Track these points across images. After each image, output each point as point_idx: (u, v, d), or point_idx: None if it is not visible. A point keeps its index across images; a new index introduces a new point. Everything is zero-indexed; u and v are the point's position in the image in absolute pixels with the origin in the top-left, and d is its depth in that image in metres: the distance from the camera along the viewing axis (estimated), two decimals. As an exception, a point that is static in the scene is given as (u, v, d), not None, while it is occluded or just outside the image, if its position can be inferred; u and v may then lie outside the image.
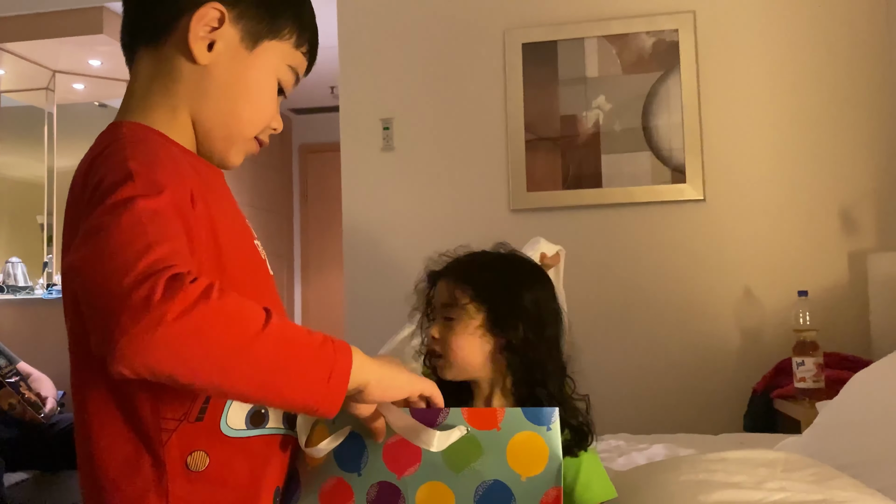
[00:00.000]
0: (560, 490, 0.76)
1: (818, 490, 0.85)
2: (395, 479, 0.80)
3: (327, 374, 0.69)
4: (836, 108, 2.64)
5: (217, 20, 0.82)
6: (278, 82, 0.88)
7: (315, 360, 0.69)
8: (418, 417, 0.80)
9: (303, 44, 0.89)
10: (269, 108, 0.88)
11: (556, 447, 0.76)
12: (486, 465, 0.77)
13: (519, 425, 0.78)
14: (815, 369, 2.18)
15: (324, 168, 5.84)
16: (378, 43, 2.97)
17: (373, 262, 2.92)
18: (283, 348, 0.67)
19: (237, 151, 0.88)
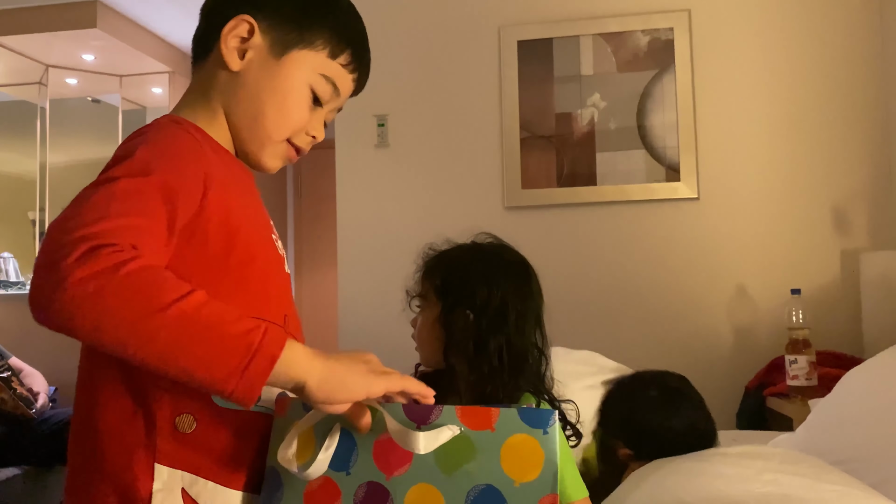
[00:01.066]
0: (556, 497, 0.72)
1: (809, 484, 0.86)
2: (384, 479, 0.77)
3: (243, 364, 0.67)
4: (830, 108, 2.65)
5: (247, 31, 0.88)
6: (312, 91, 0.91)
7: (231, 347, 0.68)
8: (409, 414, 0.77)
9: (340, 54, 0.93)
10: (296, 114, 0.91)
11: (552, 452, 0.73)
12: (479, 468, 0.74)
13: (514, 427, 0.74)
14: (807, 367, 2.19)
15: (318, 165, 5.83)
16: (373, 39, 2.94)
17: (367, 260, 2.92)
18: (190, 329, 0.67)
19: (269, 155, 0.93)
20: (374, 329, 2.78)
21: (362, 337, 2.86)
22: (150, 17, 4.01)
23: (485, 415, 0.75)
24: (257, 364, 0.68)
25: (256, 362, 0.68)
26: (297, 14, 0.90)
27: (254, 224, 0.89)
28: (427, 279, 1.10)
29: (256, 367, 0.68)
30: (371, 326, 2.83)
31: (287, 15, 0.90)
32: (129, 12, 3.94)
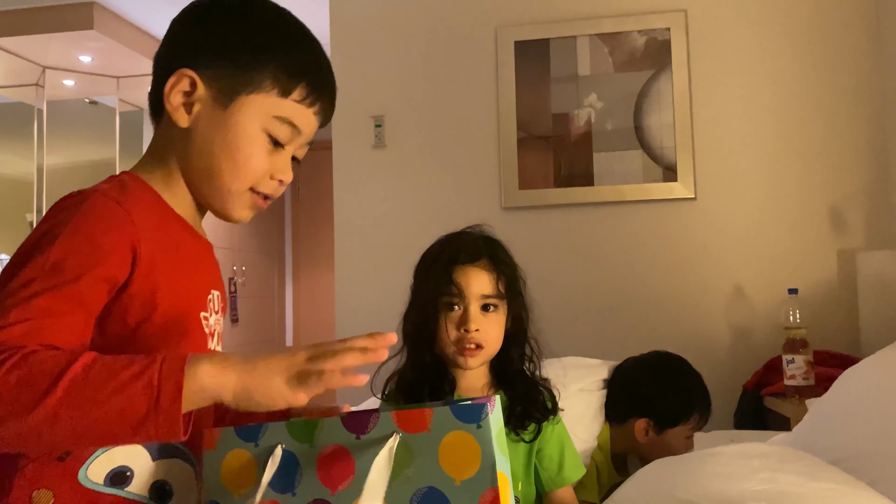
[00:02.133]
0: (497, 491, 0.71)
1: (805, 482, 0.86)
2: (329, 495, 0.75)
3: (152, 404, 0.66)
4: (827, 107, 2.65)
5: (189, 84, 0.85)
6: (268, 135, 0.87)
7: (133, 393, 0.66)
8: (348, 425, 0.76)
9: (292, 91, 0.87)
10: (253, 164, 0.86)
11: (488, 445, 0.71)
12: (419, 471, 0.73)
13: (448, 425, 0.73)
14: (805, 367, 2.19)
15: (315, 166, 5.82)
16: (370, 40, 2.97)
17: (364, 260, 2.92)
18: (86, 393, 0.66)
19: (234, 206, 0.89)
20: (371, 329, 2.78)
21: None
22: (147, 18, 4.01)
23: (419, 416, 0.74)
24: (166, 397, 0.66)
25: (164, 396, 0.66)
26: (239, 57, 0.85)
27: (183, 301, 0.85)
28: (500, 278, 1.14)
29: (166, 400, 0.66)
30: (368, 328, 2.82)
31: (228, 60, 0.85)
32: (126, 14, 3.94)
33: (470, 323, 1.10)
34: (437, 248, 1.19)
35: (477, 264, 1.14)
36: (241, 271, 5.20)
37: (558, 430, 1.16)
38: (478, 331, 1.11)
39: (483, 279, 1.13)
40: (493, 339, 1.13)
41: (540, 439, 1.15)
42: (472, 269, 1.13)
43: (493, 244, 1.18)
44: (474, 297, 1.12)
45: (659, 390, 1.59)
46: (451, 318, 1.13)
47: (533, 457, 1.15)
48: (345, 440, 0.76)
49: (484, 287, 1.13)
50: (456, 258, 1.14)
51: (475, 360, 1.12)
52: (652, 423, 1.57)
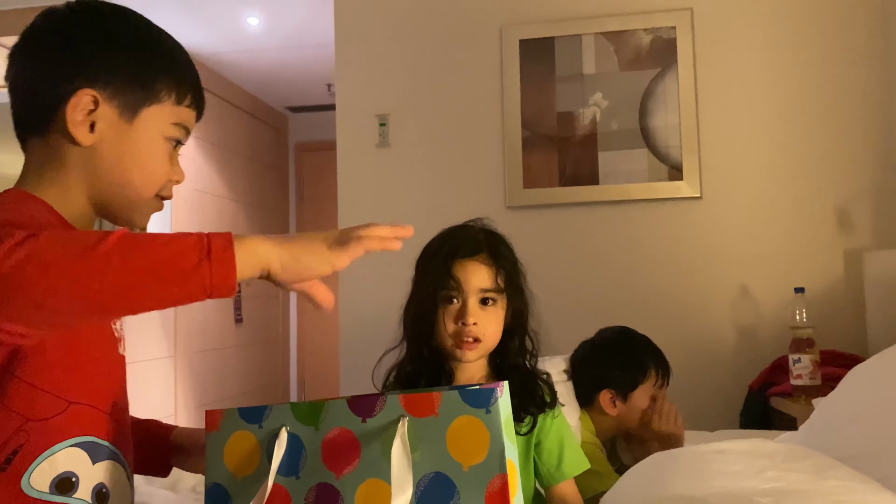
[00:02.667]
0: (505, 477, 0.70)
1: (813, 479, 0.85)
2: (333, 479, 0.75)
3: (204, 252, 0.68)
4: (833, 106, 2.64)
5: (92, 103, 0.86)
6: (169, 140, 0.91)
7: (182, 245, 0.68)
8: (354, 408, 0.76)
9: (184, 98, 0.92)
10: (161, 170, 0.91)
11: (497, 431, 0.70)
12: (427, 457, 0.72)
13: (457, 409, 0.72)
14: (811, 366, 2.18)
15: (320, 166, 5.83)
16: (375, 39, 2.97)
17: (367, 260, 2.90)
18: (135, 245, 0.66)
19: (142, 213, 0.93)
20: (375, 330, 2.77)
21: (363, 338, 2.85)
22: (152, 17, 3.98)
23: (427, 400, 0.73)
24: (217, 247, 0.68)
25: (215, 246, 0.68)
26: (137, 72, 0.88)
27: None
28: (500, 272, 1.14)
29: (217, 249, 0.68)
30: (372, 328, 2.82)
31: (127, 76, 0.87)
32: (131, 13, 3.94)
33: (468, 316, 1.11)
34: (437, 241, 1.19)
35: (476, 258, 1.14)
36: (246, 271, 5.20)
37: (557, 423, 1.16)
38: (475, 324, 1.11)
39: (482, 273, 1.13)
40: (491, 333, 1.14)
41: (538, 432, 1.15)
42: (471, 263, 1.13)
43: (493, 238, 1.18)
44: (473, 290, 1.13)
45: (608, 361, 1.70)
46: (450, 311, 1.13)
47: (531, 450, 1.14)
48: (350, 424, 0.75)
49: (482, 281, 1.13)
50: (455, 252, 1.15)
51: (473, 354, 1.13)
52: (614, 391, 1.66)
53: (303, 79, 5.09)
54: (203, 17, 4.01)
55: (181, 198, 4.53)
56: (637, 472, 1.02)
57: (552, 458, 1.14)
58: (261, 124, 5.61)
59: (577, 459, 1.16)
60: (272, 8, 3.92)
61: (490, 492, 0.70)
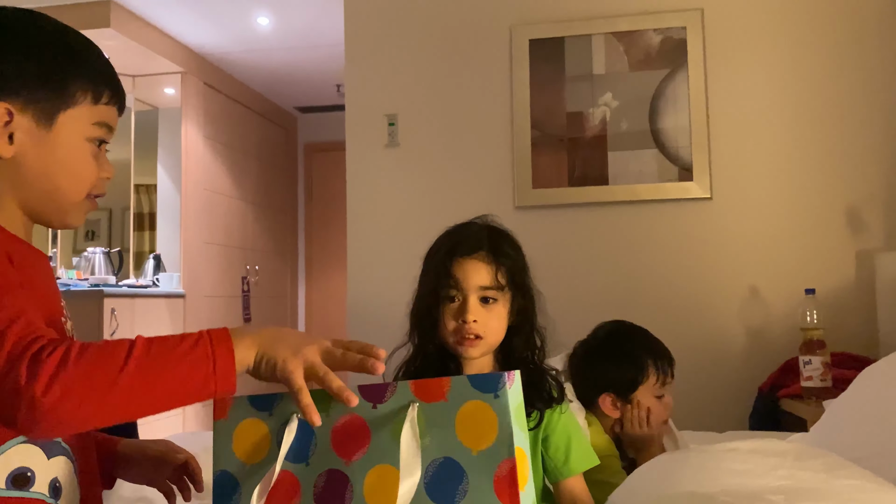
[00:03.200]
0: (514, 461, 0.70)
1: (824, 478, 0.84)
2: (343, 465, 0.75)
3: (211, 369, 0.75)
4: (845, 107, 2.62)
5: (6, 115, 0.85)
6: (92, 141, 0.91)
7: (192, 362, 0.75)
8: (365, 395, 0.76)
9: (101, 96, 0.91)
10: (88, 172, 0.91)
11: (505, 416, 0.71)
12: (436, 442, 0.72)
13: (466, 394, 0.72)
14: (822, 368, 2.17)
15: (329, 167, 5.84)
16: (384, 39, 2.97)
17: (376, 260, 2.91)
18: (154, 369, 0.73)
19: (75, 216, 0.93)
20: (383, 329, 2.78)
21: (371, 336, 2.84)
22: (163, 17, 4.03)
23: (437, 386, 0.74)
24: (221, 361, 0.75)
25: (220, 362, 0.75)
26: (48, 78, 0.87)
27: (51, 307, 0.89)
28: (500, 269, 1.14)
29: (222, 364, 0.75)
30: (380, 327, 2.82)
31: (38, 84, 0.86)
32: (142, 12, 3.96)
33: (467, 314, 1.11)
34: (441, 239, 1.20)
35: (475, 256, 1.14)
36: (254, 271, 5.22)
37: (565, 418, 1.15)
38: (476, 322, 1.11)
39: (481, 271, 1.13)
40: (493, 330, 1.13)
41: (545, 427, 1.14)
42: (471, 262, 1.13)
43: (496, 235, 1.17)
44: (472, 288, 1.13)
45: (603, 363, 1.60)
46: (450, 309, 1.14)
47: (539, 445, 1.14)
48: (361, 410, 0.76)
49: (482, 279, 1.13)
50: (455, 250, 1.15)
51: (475, 350, 1.13)
52: (614, 395, 1.56)
53: (312, 79, 5.10)
54: (213, 17, 4.02)
55: (191, 197, 4.55)
56: (646, 470, 1.02)
57: (559, 453, 1.14)
58: (270, 124, 5.62)
59: (586, 455, 1.16)
60: (282, 8, 3.93)
61: (498, 476, 0.70)
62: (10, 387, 0.70)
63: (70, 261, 4.35)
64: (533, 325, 1.18)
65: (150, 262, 4.40)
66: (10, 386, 0.70)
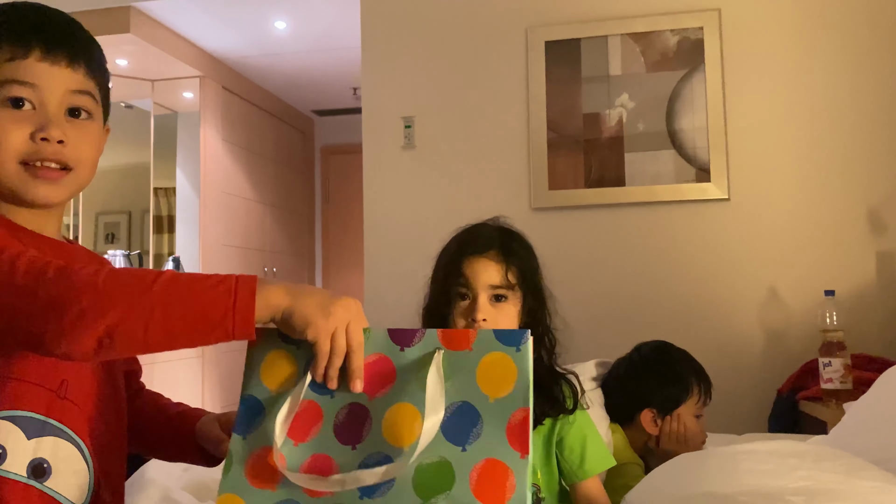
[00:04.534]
0: (528, 411, 0.74)
1: (844, 479, 0.84)
2: (366, 400, 0.78)
3: (231, 304, 0.74)
4: (864, 106, 2.60)
5: None
6: (7, 101, 0.84)
7: (215, 295, 0.75)
8: (393, 337, 0.80)
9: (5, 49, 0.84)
10: (6, 137, 0.84)
11: (525, 368, 0.75)
12: (456, 386, 0.76)
13: (490, 346, 0.76)
14: (842, 370, 2.15)
15: (345, 169, 5.86)
16: (401, 42, 2.98)
17: (393, 262, 2.92)
18: (178, 292, 0.74)
19: (24, 189, 0.86)
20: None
21: (389, 338, 2.86)
22: (182, 22, 4.07)
23: (463, 336, 0.78)
24: (242, 300, 0.75)
25: (240, 299, 0.75)
26: None
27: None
28: (511, 268, 1.14)
29: (242, 302, 0.74)
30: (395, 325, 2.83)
31: None
32: (162, 17, 4.01)
33: (477, 313, 1.12)
34: (452, 239, 1.21)
35: (486, 255, 1.15)
36: (272, 273, 5.25)
37: (580, 420, 1.15)
38: (485, 321, 1.11)
39: (491, 270, 1.14)
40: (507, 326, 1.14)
41: (560, 429, 1.14)
42: (481, 260, 1.14)
43: (507, 235, 1.18)
44: (483, 287, 1.13)
45: (648, 379, 1.64)
46: (461, 307, 1.15)
47: (553, 447, 1.14)
48: (389, 350, 0.79)
49: (492, 278, 1.13)
50: (466, 249, 1.16)
51: None
52: (656, 410, 1.61)
53: (329, 82, 5.12)
54: (231, 21, 4.06)
55: (209, 199, 4.59)
56: (665, 470, 1.01)
57: (574, 455, 1.14)
58: (287, 127, 5.66)
59: (601, 456, 1.15)
60: (299, 12, 3.96)
61: (511, 423, 0.73)
62: (43, 300, 0.71)
63: (91, 263, 4.39)
64: (545, 326, 1.18)
65: (170, 264, 4.44)
66: (43, 299, 0.71)
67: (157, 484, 1.35)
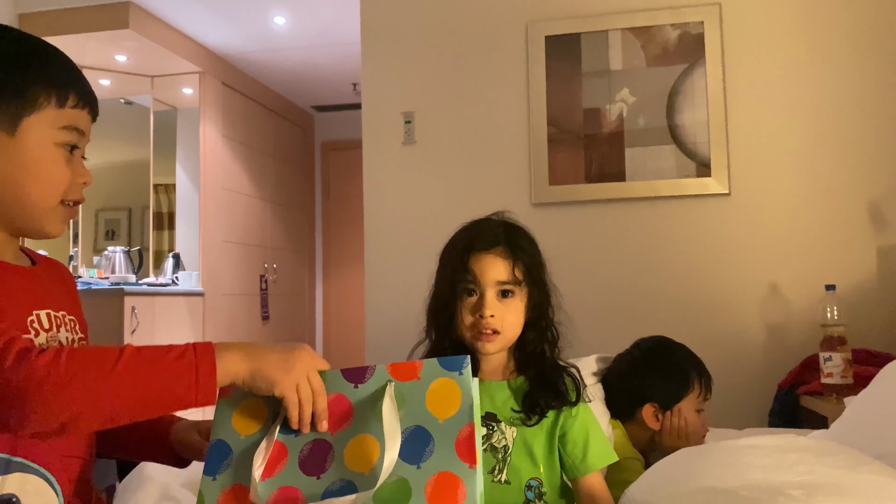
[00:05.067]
0: (472, 426, 0.82)
1: (848, 473, 0.83)
2: (328, 436, 0.86)
3: (193, 379, 0.79)
4: (865, 101, 2.59)
5: None
6: (62, 146, 0.90)
7: (177, 372, 0.79)
8: (347, 376, 0.88)
9: (67, 99, 0.90)
10: (58, 177, 0.90)
11: (468, 389, 0.84)
12: (409, 413, 0.84)
13: (435, 373, 0.85)
14: (842, 365, 2.15)
15: (345, 165, 5.86)
16: (400, 37, 2.98)
17: (393, 258, 2.92)
18: (142, 370, 0.77)
19: (50, 223, 0.92)
20: (401, 327, 2.79)
21: (389, 335, 2.86)
22: (181, 17, 4.06)
23: (411, 367, 0.87)
24: (203, 374, 0.80)
25: (202, 373, 0.79)
26: (6, 86, 0.87)
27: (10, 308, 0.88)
28: (517, 264, 1.15)
29: (204, 376, 0.79)
30: (398, 324, 2.83)
31: None
32: (161, 13, 4.00)
33: (484, 309, 1.12)
34: (457, 234, 1.20)
35: (493, 251, 1.14)
36: (272, 269, 5.25)
37: (583, 415, 1.15)
38: (493, 316, 1.11)
39: (498, 266, 1.13)
40: (510, 325, 1.14)
41: (563, 423, 1.14)
42: (488, 256, 1.14)
43: (512, 231, 1.18)
44: (490, 283, 1.13)
45: (650, 374, 1.65)
46: (468, 304, 1.14)
47: (555, 441, 1.14)
48: (344, 388, 0.87)
49: (499, 274, 1.13)
50: (472, 245, 1.15)
51: (493, 346, 1.13)
52: (657, 405, 1.62)
53: (329, 78, 5.12)
54: (230, 17, 4.05)
55: (209, 196, 4.58)
56: (666, 464, 1.01)
57: (577, 449, 1.13)
58: (287, 123, 5.65)
59: (604, 451, 1.15)
60: (299, 7, 3.95)
61: (459, 439, 0.82)
62: (3, 389, 0.72)
63: (91, 260, 4.40)
64: (549, 320, 1.18)
65: (170, 260, 4.44)
66: (3, 388, 0.72)
67: (155, 481, 1.34)
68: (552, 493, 1.14)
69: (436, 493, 0.79)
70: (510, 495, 1.10)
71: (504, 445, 1.13)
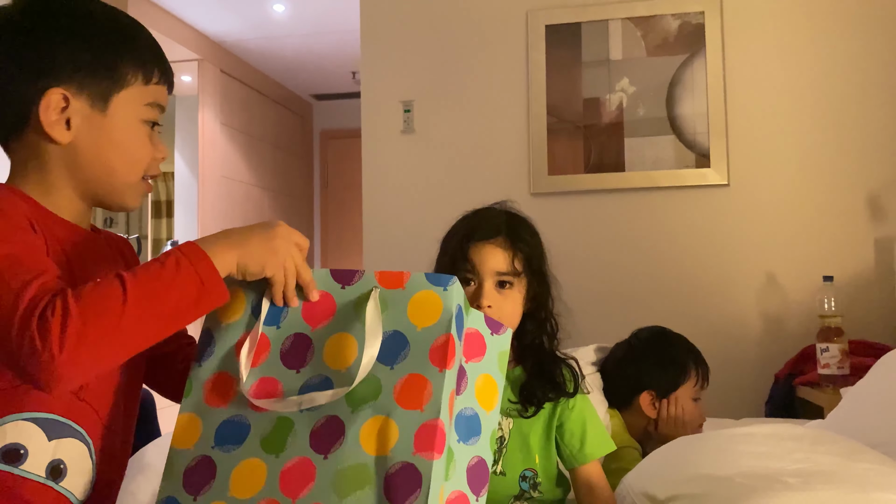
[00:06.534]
0: (449, 336, 0.83)
1: (843, 461, 0.84)
2: (309, 330, 0.88)
3: (199, 284, 0.79)
4: (864, 92, 2.59)
5: (63, 101, 0.87)
6: (146, 122, 0.93)
7: (181, 283, 0.78)
8: (336, 277, 0.89)
9: (151, 77, 0.92)
10: (142, 152, 0.93)
11: (450, 304, 0.84)
12: (389, 319, 0.85)
13: (421, 285, 0.86)
14: (839, 355, 2.16)
15: (344, 154, 5.85)
16: (400, 25, 2.97)
17: (392, 248, 2.92)
18: (149, 294, 0.76)
19: (132, 197, 0.95)
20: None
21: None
22: (180, 4, 4.04)
23: (398, 277, 0.88)
24: (206, 276, 0.80)
25: (204, 275, 0.79)
26: (99, 61, 0.88)
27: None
28: (517, 254, 1.14)
29: (207, 278, 0.80)
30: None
31: (90, 67, 0.88)
32: (160, 1, 3.98)
33: (483, 299, 1.11)
34: (458, 223, 1.20)
35: (492, 241, 1.14)
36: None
37: (580, 405, 1.15)
38: (490, 307, 1.11)
39: (498, 256, 1.13)
40: (509, 316, 1.13)
41: (560, 414, 1.15)
42: (487, 246, 1.13)
43: (514, 221, 1.17)
44: (488, 273, 1.12)
45: (647, 362, 1.66)
46: (466, 293, 1.14)
47: (553, 432, 1.14)
48: (330, 287, 0.89)
49: (498, 264, 1.13)
50: (472, 235, 1.15)
51: None
52: (654, 393, 1.63)
53: (328, 66, 5.10)
54: (229, 4, 4.03)
55: (208, 184, 4.58)
56: (663, 452, 1.02)
57: (574, 439, 1.14)
58: (286, 112, 5.64)
59: (602, 441, 1.15)
60: (298, -5, 3.93)
61: (434, 346, 0.83)
62: (27, 350, 0.71)
63: (89, 247, 4.39)
64: (548, 311, 1.18)
65: (168, 247, 4.43)
66: (27, 349, 0.71)
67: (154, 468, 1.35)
68: (547, 483, 1.14)
69: (404, 391, 0.81)
70: (505, 486, 1.11)
71: (500, 437, 1.13)
